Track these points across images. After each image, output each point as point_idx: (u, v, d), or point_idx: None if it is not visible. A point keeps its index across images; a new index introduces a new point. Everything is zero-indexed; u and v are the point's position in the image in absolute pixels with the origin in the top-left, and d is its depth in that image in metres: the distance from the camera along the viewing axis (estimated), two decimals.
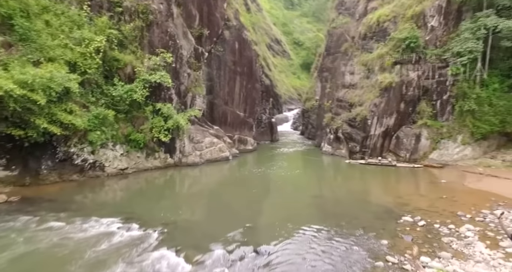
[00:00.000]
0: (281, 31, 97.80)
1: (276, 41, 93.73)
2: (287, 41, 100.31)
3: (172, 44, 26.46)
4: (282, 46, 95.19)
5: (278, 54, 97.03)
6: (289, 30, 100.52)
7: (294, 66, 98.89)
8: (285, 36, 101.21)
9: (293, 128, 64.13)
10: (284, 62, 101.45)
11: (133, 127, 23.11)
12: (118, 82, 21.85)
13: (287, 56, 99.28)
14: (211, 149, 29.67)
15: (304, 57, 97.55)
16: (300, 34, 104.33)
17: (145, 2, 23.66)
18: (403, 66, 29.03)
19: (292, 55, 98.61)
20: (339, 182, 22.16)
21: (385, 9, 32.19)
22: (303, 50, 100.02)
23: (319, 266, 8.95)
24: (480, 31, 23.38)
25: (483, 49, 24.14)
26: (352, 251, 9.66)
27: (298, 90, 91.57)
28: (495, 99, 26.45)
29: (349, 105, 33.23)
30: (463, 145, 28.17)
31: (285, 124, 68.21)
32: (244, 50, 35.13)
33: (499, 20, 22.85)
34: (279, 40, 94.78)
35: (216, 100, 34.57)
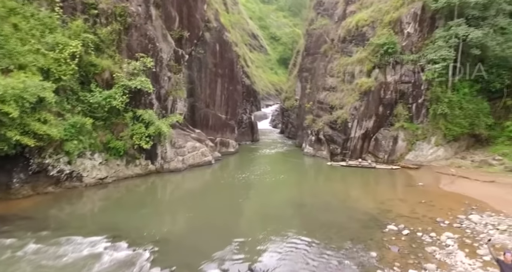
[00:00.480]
0: (257, 25, 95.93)
1: (253, 35, 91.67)
2: (264, 35, 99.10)
3: (151, 48, 25.61)
4: (259, 41, 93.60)
5: (255, 49, 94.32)
6: (265, 24, 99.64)
7: (271, 62, 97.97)
8: (262, 30, 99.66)
9: (272, 126, 63.70)
10: (261, 57, 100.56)
11: (112, 134, 22.23)
12: (96, 88, 20.88)
13: (264, 51, 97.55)
14: (193, 153, 29.20)
15: (281, 52, 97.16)
16: (276, 29, 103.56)
17: (122, 4, 22.66)
18: (382, 71, 29.95)
19: (269, 50, 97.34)
20: (323, 187, 22.58)
21: (363, 13, 32.94)
22: (280, 45, 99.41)
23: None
24: (452, 39, 24.58)
25: (454, 56, 25.39)
26: (344, 266, 9.93)
27: (276, 86, 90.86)
28: (465, 103, 27.99)
29: (330, 107, 33.86)
30: (436, 147, 29.65)
31: (264, 121, 67.63)
32: (225, 52, 34.72)
33: (469, 29, 24.13)
34: (256, 35, 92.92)
35: (197, 103, 34.00)
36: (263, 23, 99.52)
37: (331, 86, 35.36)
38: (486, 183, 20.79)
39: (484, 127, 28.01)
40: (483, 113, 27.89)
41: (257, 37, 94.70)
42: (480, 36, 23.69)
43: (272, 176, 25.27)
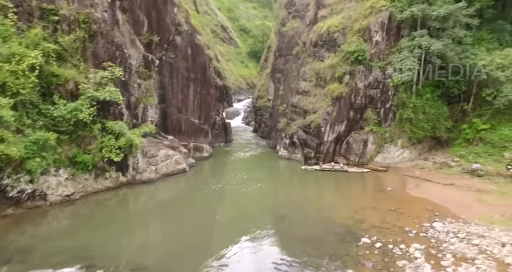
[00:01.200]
0: (226, 17, 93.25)
1: (222, 28, 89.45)
2: (233, 27, 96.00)
3: (119, 55, 24.43)
4: (228, 33, 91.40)
5: (224, 42, 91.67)
6: (234, 16, 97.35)
7: (242, 55, 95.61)
8: (231, 22, 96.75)
9: (245, 123, 62.74)
10: (231, 50, 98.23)
11: (79, 148, 21.04)
12: (59, 100, 19.57)
13: (234, 43, 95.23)
14: (166, 162, 28.46)
15: (251, 45, 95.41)
16: (246, 20, 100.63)
17: (86, 10, 21.30)
18: (352, 77, 30.89)
19: (239, 42, 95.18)
20: (299, 196, 22.91)
21: (334, 19, 33.64)
22: (250, 38, 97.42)
23: None
24: (416, 50, 25.89)
25: (419, 66, 26.80)
26: None
27: (247, 80, 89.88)
28: (427, 108, 29.72)
29: (304, 111, 34.43)
30: (402, 149, 31.31)
31: (236, 119, 66.33)
32: (197, 56, 33.95)
33: (431, 40, 25.55)
34: (225, 27, 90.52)
35: (169, 108, 33.06)
36: (232, 15, 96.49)
37: (304, 90, 35.93)
38: (447, 186, 22.39)
39: (444, 130, 29.96)
40: (443, 117, 29.81)
41: (227, 29, 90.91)
42: (440, 47, 25.20)
43: (247, 185, 25.30)
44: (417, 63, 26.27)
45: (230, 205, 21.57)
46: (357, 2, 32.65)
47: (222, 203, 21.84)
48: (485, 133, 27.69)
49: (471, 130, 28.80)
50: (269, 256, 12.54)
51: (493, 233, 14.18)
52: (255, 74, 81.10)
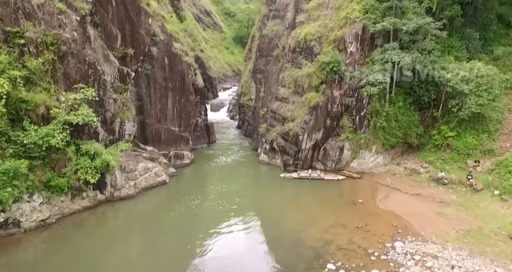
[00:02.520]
0: (210, 0, 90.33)
1: (206, 12, 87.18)
2: (218, 11, 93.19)
3: (92, 73, 24.08)
4: (212, 18, 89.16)
5: (208, 27, 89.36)
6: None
7: (227, 40, 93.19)
8: (215, 5, 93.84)
9: (229, 117, 61.57)
10: (216, 35, 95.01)
11: (54, 171, 20.99)
12: (30, 126, 19.37)
13: (219, 29, 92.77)
14: (145, 176, 28.62)
15: (236, 30, 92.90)
16: (231, 4, 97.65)
17: (54, 31, 20.78)
18: (328, 86, 31.53)
19: (224, 27, 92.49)
20: (274, 213, 23.27)
21: (311, 27, 33.88)
22: (235, 22, 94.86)
23: None
24: (387, 63, 26.63)
25: (390, 79, 27.59)
26: None
27: (232, 66, 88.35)
28: (400, 115, 30.83)
29: (283, 118, 35.01)
30: (376, 154, 32.52)
31: (221, 111, 66.28)
32: (175, 65, 33.66)
33: (402, 54, 26.33)
34: (209, 12, 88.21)
35: (147, 119, 32.94)
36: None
37: (283, 97, 36.40)
38: (413, 197, 23.74)
39: (415, 136, 31.28)
40: (414, 124, 31.04)
41: (211, 13, 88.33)
42: (409, 62, 26.03)
43: (225, 201, 25.62)
44: (389, 75, 27.04)
45: (203, 227, 21.67)
46: (333, 10, 33.00)
47: (196, 225, 22.11)
48: (452, 140, 29.08)
49: (439, 137, 30.15)
50: None
51: (446, 253, 15.37)
52: (241, 61, 78.49)
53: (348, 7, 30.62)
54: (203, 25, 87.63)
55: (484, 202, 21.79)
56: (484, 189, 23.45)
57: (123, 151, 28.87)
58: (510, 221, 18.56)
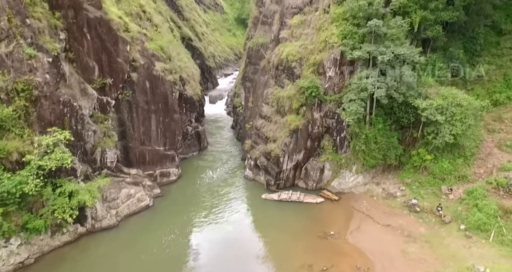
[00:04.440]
0: None
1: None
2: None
3: (68, 111, 24.48)
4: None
5: (209, 9, 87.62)
6: None
7: (229, 22, 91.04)
8: None
9: (227, 112, 60.46)
10: (217, 17, 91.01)
11: (31, 213, 21.79)
12: (3, 173, 19.98)
13: (220, 9, 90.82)
14: (128, 202, 29.42)
15: (239, 10, 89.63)
16: None
17: (25, 77, 21.05)
18: (308, 108, 31.58)
19: (226, 7, 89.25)
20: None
21: (293, 46, 33.60)
22: (237, 2, 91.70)
23: None
24: (362, 93, 26.50)
25: (364, 109, 27.39)
26: None
27: (234, 50, 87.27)
28: (379, 137, 30.96)
29: (265, 137, 35.34)
30: (356, 174, 32.92)
31: (219, 103, 66.29)
32: (157, 87, 33.80)
33: (377, 83, 26.12)
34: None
35: (131, 143, 33.45)
36: None
37: (266, 115, 36.59)
38: (383, 229, 24.29)
39: (394, 158, 31.51)
40: (393, 146, 31.23)
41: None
42: (383, 94, 25.92)
43: (199, 235, 26.46)
44: (364, 105, 26.92)
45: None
46: (314, 30, 32.60)
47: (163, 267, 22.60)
48: (429, 163, 29.23)
49: (418, 158, 30.35)
50: None
51: None
52: (243, 43, 76.62)
53: (328, 29, 30.23)
54: (204, 7, 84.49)
55: (449, 237, 22.27)
56: (452, 222, 23.88)
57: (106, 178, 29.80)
58: (467, 265, 19.04)
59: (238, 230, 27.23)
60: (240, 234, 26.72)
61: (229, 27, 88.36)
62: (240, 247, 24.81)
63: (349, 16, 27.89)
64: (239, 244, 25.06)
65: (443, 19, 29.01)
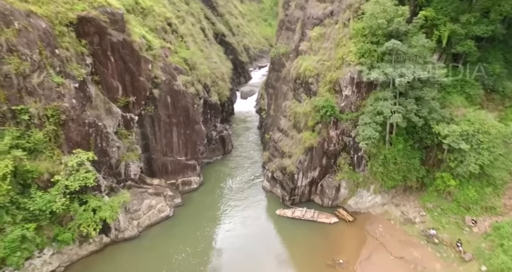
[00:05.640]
0: None
1: None
2: None
3: (93, 131, 26.53)
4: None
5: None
6: None
7: (265, 11, 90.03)
8: None
9: (256, 110, 59.88)
10: (254, 7, 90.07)
11: (61, 226, 24.24)
12: (35, 192, 22.36)
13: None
14: (149, 214, 31.36)
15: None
16: None
17: (54, 103, 23.19)
18: (324, 126, 31.02)
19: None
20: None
21: (311, 61, 32.97)
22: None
23: None
24: (378, 117, 25.39)
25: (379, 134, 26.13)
26: None
27: (270, 40, 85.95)
28: (399, 158, 29.57)
29: (282, 152, 35.42)
30: (374, 194, 31.94)
31: (249, 99, 66.90)
32: (178, 101, 35.05)
33: (394, 107, 24.84)
34: None
35: (153, 155, 35.35)
36: None
37: (284, 129, 36.54)
38: (395, 261, 23.39)
39: (415, 179, 29.95)
40: (415, 167, 29.61)
41: None
42: (399, 121, 24.62)
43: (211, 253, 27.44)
44: (378, 131, 25.77)
45: None
46: (333, 44, 31.62)
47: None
48: (454, 189, 27.47)
49: (441, 182, 28.59)
50: None
51: None
52: None
53: (346, 45, 29.20)
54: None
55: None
56: (472, 260, 22.32)
57: (130, 189, 32.00)
58: None
59: (249, 247, 27.96)
60: (250, 251, 27.42)
61: (265, 17, 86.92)
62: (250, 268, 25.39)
63: (368, 33, 26.68)
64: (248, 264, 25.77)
65: (476, 34, 26.66)
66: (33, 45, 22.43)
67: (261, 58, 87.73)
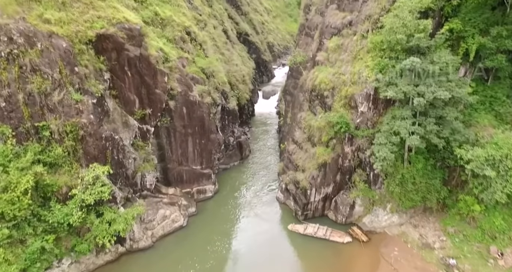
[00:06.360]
0: None
1: None
2: None
3: (109, 144, 27.44)
4: None
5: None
6: None
7: (291, 6, 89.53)
8: None
9: (276, 111, 58.61)
10: (279, 2, 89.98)
11: (78, 236, 25.41)
12: (55, 205, 23.56)
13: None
14: (163, 224, 32.08)
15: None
16: None
17: (72, 120, 24.20)
18: (338, 141, 30.12)
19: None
20: None
21: (326, 74, 32.06)
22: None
23: None
24: (394, 137, 24.17)
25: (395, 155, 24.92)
26: None
27: (295, 37, 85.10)
28: (418, 178, 28.10)
29: (296, 165, 34.88)
30: (391, 213, 30.65)
31: (272, 98, 66.72)
32: (194, 112, 35.43)
33: (412, 127, 23.50)
34: None
35: (169, 164, 36.09)
36: None
37: (298, 141, 35.95)
38: None
39: (435, 201, 28.38)
40: (435, 188, 28.01)
41: None
42: (417, 143, 23.28)
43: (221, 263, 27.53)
44: (394, 152, 24.56)
45: None
46: (350, 56, 30.53)
47: None
48: (478, 214, 25.70)
49: (465, 205, 26.84)
50: None
51: None
52: None
53: (363, 59, 28.08)
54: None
55: None
56: None
57: (146, 199, 32.90)
58: None
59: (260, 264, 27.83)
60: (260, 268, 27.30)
61: (291, 12, 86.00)
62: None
63: (386, 48, 25.43)
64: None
65: (508, 48, 24.62)
66: (54, 65, 23.48)
67: (285, 55, 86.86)
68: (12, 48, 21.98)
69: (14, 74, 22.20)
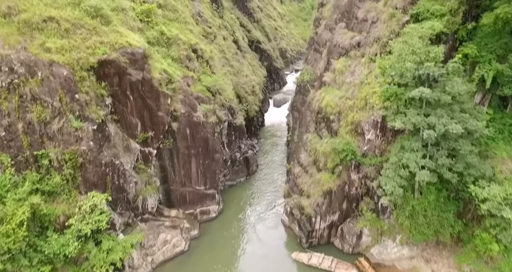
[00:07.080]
0: None
1: None
2: None
3: (110, 170, 27.15)
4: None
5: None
6: None
7: (306, 10, 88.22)
8: None
9: (287, 121, 56.09)
10: (293, 7, 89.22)
11: (76, 265, 25.03)
12: (52, 234, 23.24)
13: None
14: (164, 249, 31.39)
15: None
16: None
17: (71, 147, 24.02)
18: (345, 168, 28.82)
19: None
20: None
21: (332, 96, 30.98)
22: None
23: None
24: (402, 171, 22.74)
25: (403, 190, 23.49)
26: None
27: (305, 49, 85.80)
28: (430, 211, 26.34)
29: (300, 189, 33.68)
30: (401, 245, 28.92)
31: (283, 107, 65.37)
32: (197, 132, 34.84)
33: (422, 161, 22.04)
34: None
35: (172, 186, 35.54)
36: None
37: (303, 164, 34.76)
38: None
39: (448, 236, 26.50)
40: (449, 222, 26.16)
41: None
42: (426, 179, 21.75)
43: None
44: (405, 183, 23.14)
45: None
46: (357, 80, 29.32)
47: None
48: (497, 255, 23.75)
49: (482, 243, 24.89)
50: None
51: None
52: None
53: (370, 84, 26.85)
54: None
55: None
56: None
57: (147, 222, 32.41)
58: None
59: None
60: None
61: (305, 16, 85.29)
62: None
63: (395, 74, 24.15)
64: None
65: None
66: (54, 93, 23.44)
67: (298, 60, 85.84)
68: (13, 78, 22.04)
69: (14, 103, 22.22)
